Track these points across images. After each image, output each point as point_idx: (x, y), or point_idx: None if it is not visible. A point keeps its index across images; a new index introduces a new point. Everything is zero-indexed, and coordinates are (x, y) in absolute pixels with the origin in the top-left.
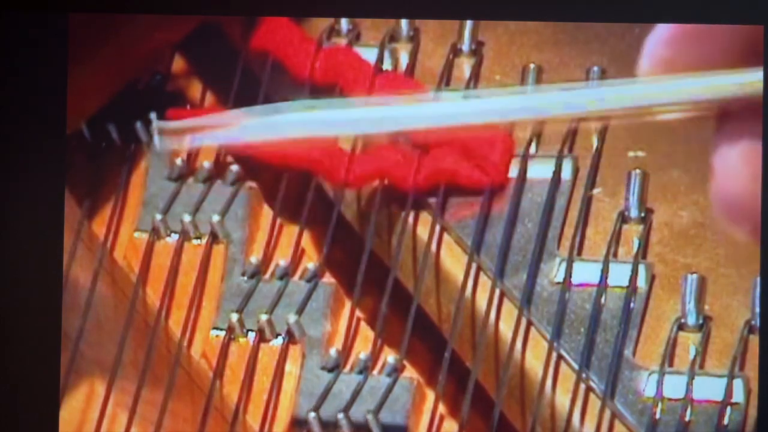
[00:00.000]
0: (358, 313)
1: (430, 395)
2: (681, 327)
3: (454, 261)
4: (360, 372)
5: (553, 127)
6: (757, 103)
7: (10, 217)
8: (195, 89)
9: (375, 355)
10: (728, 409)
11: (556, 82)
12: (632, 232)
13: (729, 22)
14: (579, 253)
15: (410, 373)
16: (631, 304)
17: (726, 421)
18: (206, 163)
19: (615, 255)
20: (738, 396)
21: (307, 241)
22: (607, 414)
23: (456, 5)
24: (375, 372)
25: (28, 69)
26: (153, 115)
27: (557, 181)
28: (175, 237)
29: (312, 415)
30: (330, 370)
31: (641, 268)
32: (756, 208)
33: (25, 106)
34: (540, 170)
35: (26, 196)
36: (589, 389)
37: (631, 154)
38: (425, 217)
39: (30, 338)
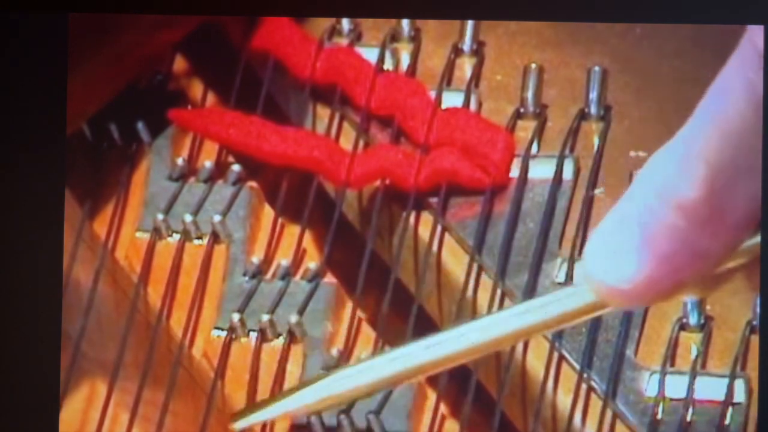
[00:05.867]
0: (359, 313)
1: (431, 395)
2: (682, 327)
3: (455, 261)
4: None
5: (555, 127)
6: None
7: (10, 217)
8: (196, 89)
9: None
10: (730, 409)
11: (557, 81)
12: None
13: (729, 22)
14: (580, 254)
15: None
16: None
17: (727, 421)
18: (207, 163)
19: None
20: (739, 396)
21: (308, 241)
22: (609, 414)
23: (457, 5)
24: None
25: (28, 69)
26: None
27: (559, 181)
28: (176, 237)
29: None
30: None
31: None
32: None
33: (25, 106)
34: (541, 170)
35: (26, 196)
36: (590, 389)
37: (632, 154)
38: (426, 217)
39: (30, 338)
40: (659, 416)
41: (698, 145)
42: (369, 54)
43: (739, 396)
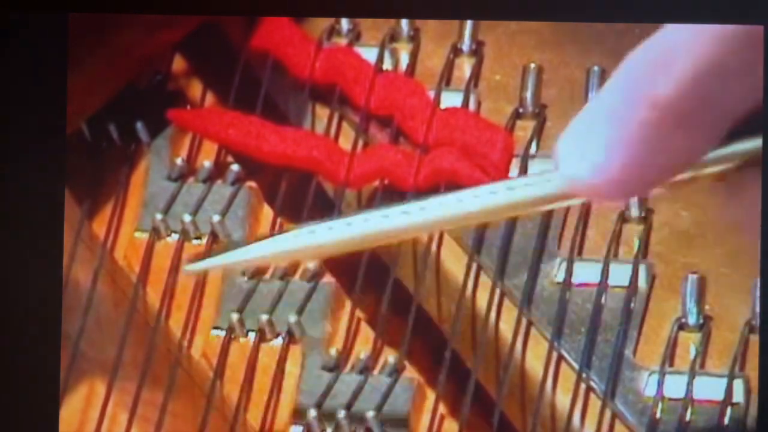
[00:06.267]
0: (358, 313)
1: (431, 395)
2: (681, 327)
3: (454, 261)
4: (360, 372)
5: (554, 127)
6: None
7: (11, 217)
8: (195, 89)
9: (375, 355)
10: (729, 409)
11: (556, 81)
12: (633, 232)
13: (729, 22)
14: (579, 253)
15: (411, 373)
16: (632, 304)
17: (726, 421)
18: (206, 163)
19: (615, 255)
20: (738, 396)
21: None
22: (608, 414)
23: (456, 5)
24: (375, 372)
25: (28, 69)
26: None
27: None
28: (175, 237)
29: (312, 413)
30: (330, 370)
31: (642, 268)
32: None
33: (25, 106)
34: (540, 170)
35: (26, 196)
36: (589, 389)
37: None
38: None
39: (30, 338)
40: (658, 416)
41: (686, 41)
42: (368, 54)
43: (738, 396)
